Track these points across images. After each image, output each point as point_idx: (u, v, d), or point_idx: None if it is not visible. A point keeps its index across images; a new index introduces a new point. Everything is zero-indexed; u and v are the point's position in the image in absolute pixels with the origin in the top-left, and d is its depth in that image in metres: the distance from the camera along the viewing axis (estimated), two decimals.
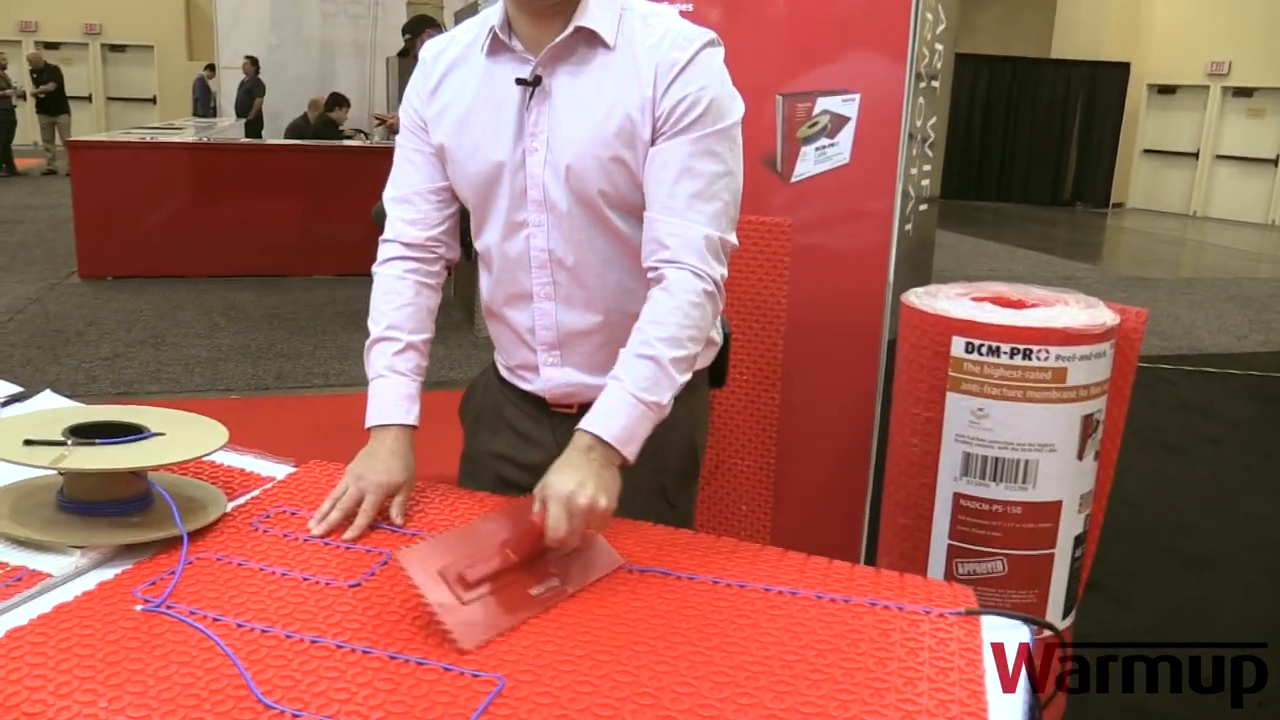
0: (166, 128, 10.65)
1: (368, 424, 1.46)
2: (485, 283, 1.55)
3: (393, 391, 1.46)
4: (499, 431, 1.62)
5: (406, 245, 1.51)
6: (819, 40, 2.16)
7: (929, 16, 2.20)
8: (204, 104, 15.14)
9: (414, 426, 1.47)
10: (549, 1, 1.35)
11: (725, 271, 1.38)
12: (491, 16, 1.43)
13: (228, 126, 12.15)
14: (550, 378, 1.52)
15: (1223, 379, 6.12)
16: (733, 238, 1.39)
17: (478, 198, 1.47)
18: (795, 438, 2.36)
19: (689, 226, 1.34)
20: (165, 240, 7.39)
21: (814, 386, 2.33)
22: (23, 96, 14.95)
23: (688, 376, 1.36)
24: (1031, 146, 16.44)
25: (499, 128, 1.41)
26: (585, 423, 1.30)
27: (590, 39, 1.37)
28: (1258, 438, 5.09)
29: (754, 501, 2.41)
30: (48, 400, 1.82)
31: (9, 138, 14.48)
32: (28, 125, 15.69)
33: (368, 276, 1.56)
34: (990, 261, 10.24)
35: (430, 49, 1.50)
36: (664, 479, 1.56)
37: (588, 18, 1.36)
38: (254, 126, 12.63)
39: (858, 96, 2.15)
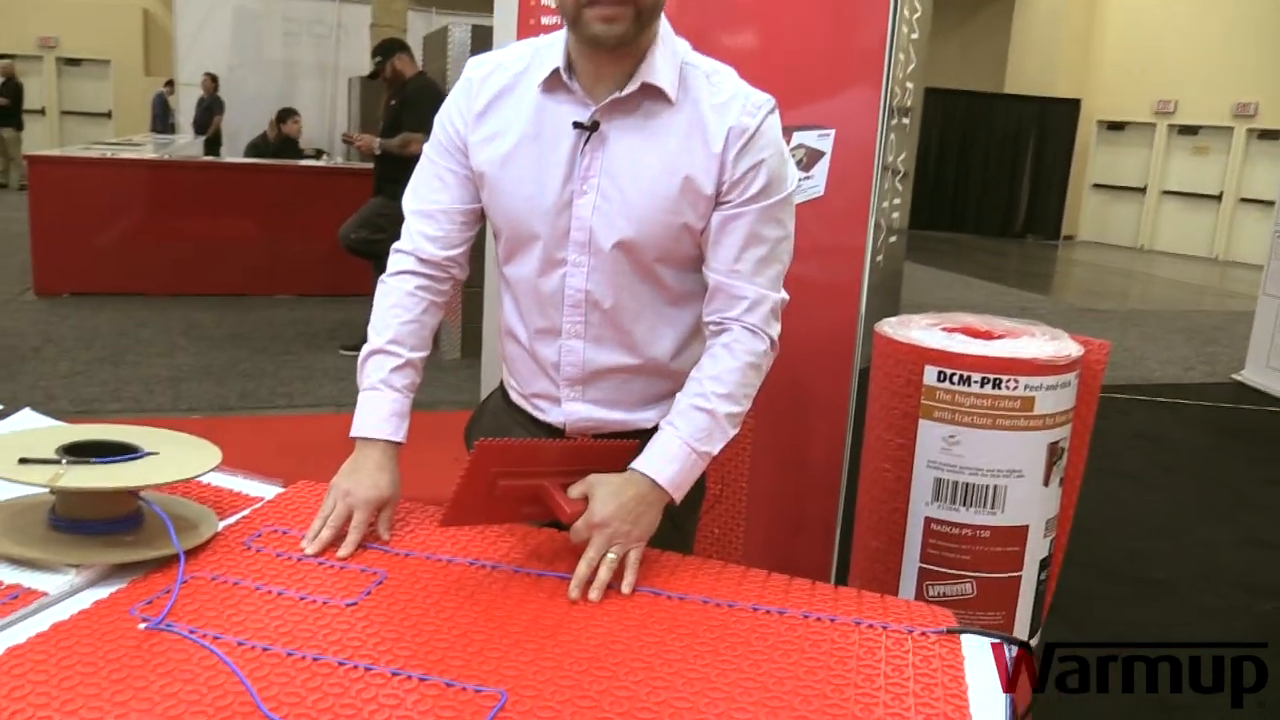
0: (125, 144, 10.53)
1: (354, 433, 1.47)
2: (509, 310, 1.54)
3: (385, 406, 1.47)
4: None
5: (422, 261, 1.51)
6: (797, 77, 2.23)
7: (901, 56, 2.27)
8: (163, 120, 14.99)
9: (400, 444, 1.48)
10: (615, 48, 1.34)
11: (780, 328, 1.46)
12: (544, 49, 1.43)
13: (186, 144, 12.04)
14: (571, 411, 1.53)
15: (1173, 408, 6.28)
16: (785, 295, 1.46)
17: (514, 230, 1.46)
18: (767, 462, 2.41)
19: (754, 289, 1.41)
20: (124, 257, 7.30)
21: (786, 412, 2.37)
22: None
23: (737, 430, 1.43)
24: (985, 179, 16.79)
25: (549, 165, 1.41)
26: (640, 464, 1.38)
27: (653, 94, 1.38)
28: (1209, 466, 5.23)
29: (726, 524, 2.45)
30: (28, 418, 1.82)
31: None
32: None
33: (328, 297, 1.57)
34: (947, 291, 10.42)
35: (477, 70, 1.47)
36: (673, 505, 1.59)
37: (653, 74, 1.37)
38: (213, 144, 12.53)
39: (833, 132, 2.22)
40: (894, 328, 2.03)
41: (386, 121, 5.62)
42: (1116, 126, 16.49)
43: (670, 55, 1.40)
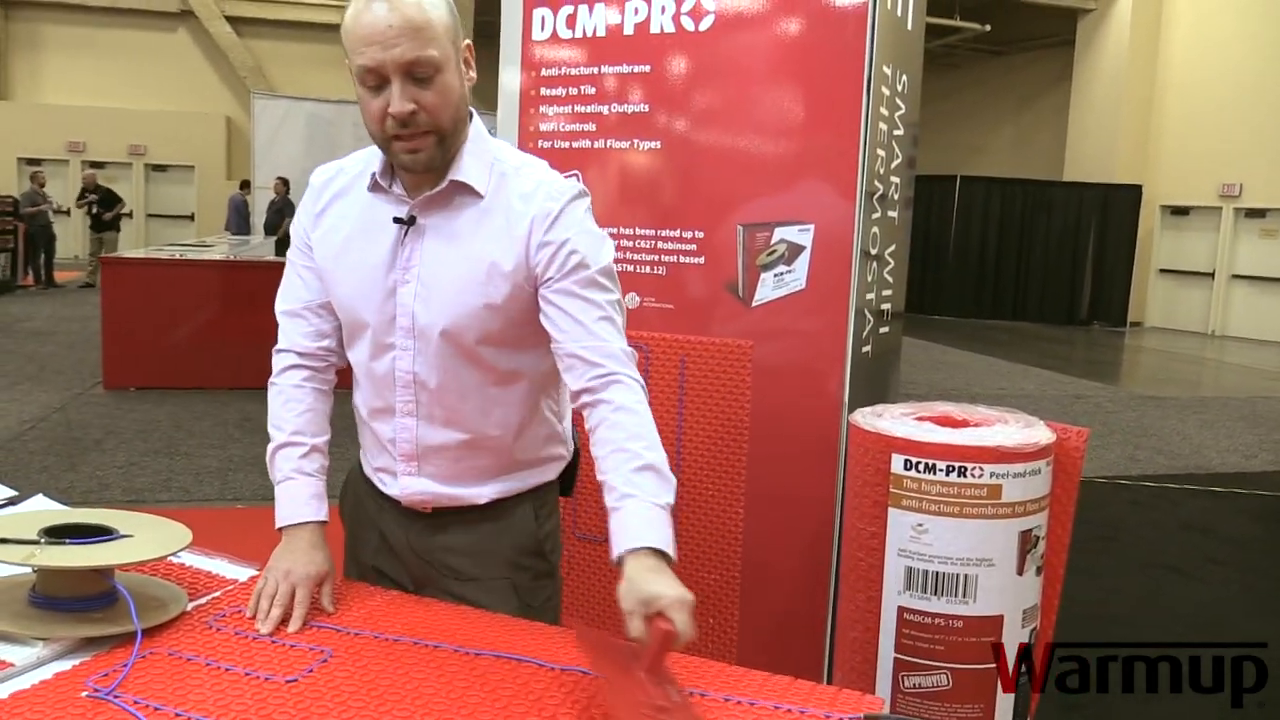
0: (198, 245, 11.06)
1: (280, 524, 1.58)
2: (356, 390, 1.67)
3: (303, 492, 1.59)
4: (368, 525, 1.74)
5: (301, 355, 1.65)
6: (776, 175, 2.32)
7: (880, 153, 2.35)
8: (244, 221, 15.59)
9: (325, 522, 1.59)
10: (425, 171, 1.49)
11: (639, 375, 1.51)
12: (376, 153, 1.55)
13: (258, 244, 12.59)
14: (406, 485, 1.63)
15: (1229, 498, 6.10)
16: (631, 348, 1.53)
17: (350, 318, 1.60)
18: (758, 554, 2.43)
19: (607, 343, 1.48)
20: (188, 353, 7.64)
21: (776, 503, 2.41)
22: (64, 212, 15.55)
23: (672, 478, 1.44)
24: (1046, 266, 16.66)
25: (375, 258, 1.54)
26: (629, 540, 1.34)
27: (464, 190, 1.51)
28: (1261, 557, 5.06)
29: (719, 616, 2.47)
30: (39, 504, 1.94)
31: (49, 252, 15.02)
32: (68, 239, 16.29)
33: None
34: (1001, 380, 10.30)
35: (320, 176, 1.63)
36: (515, 577, 1.65)
37: (462, 172, 1.50)
38: (283, 244, 13.06)
39: (812, 227, 2.30)
40: (866, 417, 2.07)
41: None
42: (1181, 211, 16.31)
43: (482, 154, 1.53)
